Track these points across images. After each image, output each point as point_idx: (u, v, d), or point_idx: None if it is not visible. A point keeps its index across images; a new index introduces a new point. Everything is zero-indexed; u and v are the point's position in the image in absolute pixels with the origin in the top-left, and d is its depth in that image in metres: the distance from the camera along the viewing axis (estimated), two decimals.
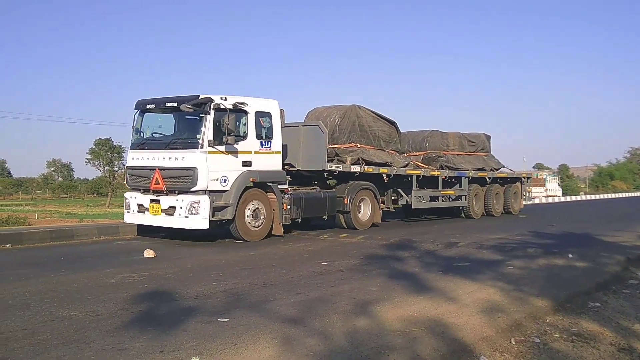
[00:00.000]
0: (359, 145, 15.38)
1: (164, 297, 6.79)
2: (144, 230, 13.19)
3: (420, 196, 17.68)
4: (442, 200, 18.86)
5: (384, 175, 15.81)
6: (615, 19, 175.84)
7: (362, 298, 6.81)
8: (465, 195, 19.47)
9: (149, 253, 10.19)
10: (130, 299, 6.61)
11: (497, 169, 21.46)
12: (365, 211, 15.66)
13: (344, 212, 14.97)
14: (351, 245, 12.20)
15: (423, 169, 17.78)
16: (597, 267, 9.55)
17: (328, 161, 14.54)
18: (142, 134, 12.96)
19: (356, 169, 15.00)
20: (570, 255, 10.57)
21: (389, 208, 17.18)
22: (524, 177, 23.40)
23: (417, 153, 19.30)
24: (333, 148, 14.98)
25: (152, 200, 12.14)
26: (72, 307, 6.21)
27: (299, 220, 13.74)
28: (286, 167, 13.92)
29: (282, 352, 4.78)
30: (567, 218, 22.36)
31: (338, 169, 14.67)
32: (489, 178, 20.69)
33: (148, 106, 12.86)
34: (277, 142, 13.07)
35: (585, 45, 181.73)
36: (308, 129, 14.61)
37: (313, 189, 14.74)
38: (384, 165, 15.96)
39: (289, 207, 13.09)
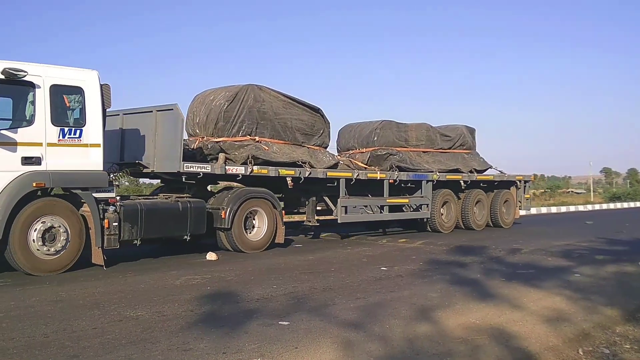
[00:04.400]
0: (257, 139, 11.83)
1: (226, 299, 6.92)
2: None
3: (350, 206, 13.84)
4: (390, 212, 14.81)
5: (289, 179, 12.05)
6: None
7: (422, 304, 6.74)
8: (427, 204, 15.31)
9: (211, 256, 10.44)
10: (194, 301, 6.78)
11: (480, 171, 17.30)
12: (259, 228, 11.61)
13: (223, 229, 11.04)
14: (410, 251, 12.09)
15: (357, 171, 13.82)
16: None
17: (202, 160, 11.27)
18: None
19: (238, 170, 11.24)
20: None
21: (310, 222, 13.44)
22: (520, 181, 18.73)
23: (364, 150, 15.34)
24: (217, 142, 11.49)
25: None
26: (139, 307, 6.42)
27: (137, 242, 9.64)
28: (139, 168, 10.92)
29: (342, 356, 4.79)
30: (638, 225, 21.36)
31: (202, 170, 10.73)
32: (465, 182, 16.39)
33: None
34: (93, 131, 9.10)
35: None
36: (164, 115, 10.55)
37: (168, 197, 10.81)
38: (294, 165, 12.27)
39: (115, 224, 9.15)
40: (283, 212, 12.29)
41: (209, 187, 11.59)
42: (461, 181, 16.35)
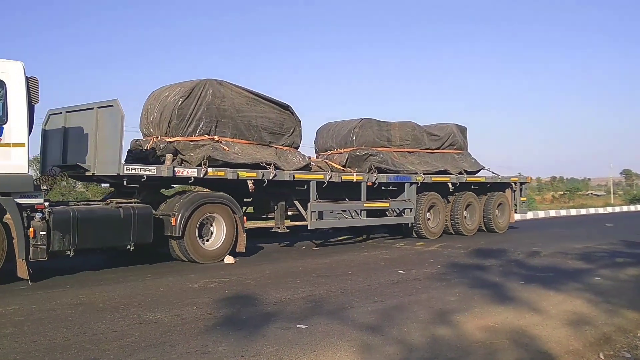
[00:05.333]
0: (217, 139, 10.89)
1: (244, 303, 6.94)
2: None
3: (326, 211, 12.73)
4: (369, 216, 13.61)
5: (249, 182, 10.97)
6: None
7: (440, 307, 6.70)
8: (411, 208, 14.24)
9: (229, 259, 10.48)
10: (213, 304, 6.81)
11: (471, 172, 16.32)
12: (217, 236, 10.59)
13: (175, 237, 9.99)
14: (428, 254, 12.03)
15: (329, 172, 12.70)
16: None
17: (155, 162, 10.18)
18: None
19: (189, 172, 10.23)
20: None
21: (279, 228, 12.29)
22: (516, 183, 17.59)
23: (343, 150, 14.25)
24: (171, 142, 10.56)
25: None
26: (158, 310, 6.47)
27: (71, 253, 8.60)
28: (80, 171, 9.92)
29: (360, 359, 4.78)
30: None
31: (146, 173, 9.60)
32: (453, 184, 15.29)
33: None
34: (16, 129, 8.14)
35: None
36: (105, 112, 9.54)
37: (109, 202, 9.89)
38: (257, 167, 11.22)
39: (43, 233, 8.20)
40: (244, 218, 11.12)
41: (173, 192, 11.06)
42: (449, 183, 15.24)
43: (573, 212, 33.47)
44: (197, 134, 10.74)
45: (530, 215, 29.03)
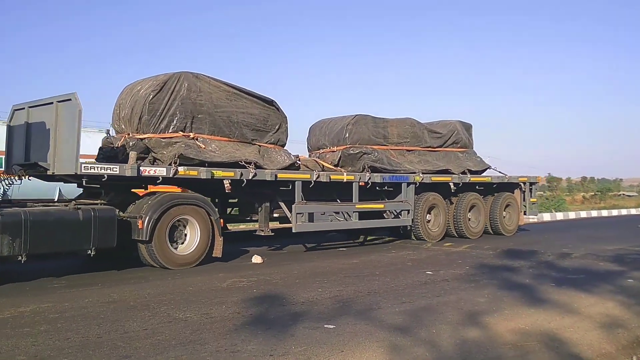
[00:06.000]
0: (192, 135, 10.24)
1: (272, 302, 6.98)
2: None
3: (316, 213, 12.21)
4: (362, 219, 12.90)
5: (226, 182, 10.24)
6: None
7: (469, 309, 6.65)
8: (408, 210, 13.54)
9: (257, 259, 10.55)
10: (241, 303, 6.86)
11: (476, 172, 15.47)
12: (191, 240, 9.90)
13: (142, 241, 9.34)
14: (456, 255, 11.94)
15: (316, 172, 11.89)
16: None
17: (124, 160, 9.53)
18: None
19: (157, 172, 9.51)
20: None
21: (262, 231, 11.56)
22: (525, 183, 16.66)
23: (335, 148, 13.50)
24: (142, 139, 9.89)
25: None
26: (187, 309, 6.54)
27: (22, 259, 7.98)
28: (40, 169, 9.27)
29: None
30: None
31: (107, 172, 8.96)
32: (456, 184, 14.48)
33: None
34: None
35: None
36: (64, 107, 8.93)
37: (68, 204, 9.08)
38: (236, 165, 10.50)
39: None
40: (221, 220, 10.42)
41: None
42: (451, 183, 14.39)
43: (604, 213, 32.85)
44: (170, 131, 10.06)
45: (560, 216, 28.65)
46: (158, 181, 9.75)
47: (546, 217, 28.02)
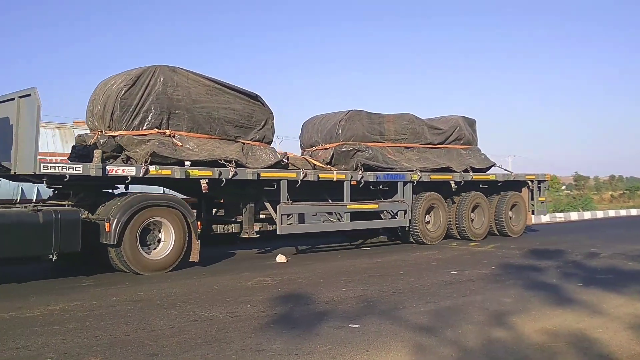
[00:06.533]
0: (169, 133, 9.65)
1: (297, 301, 7.00)
2: None
3: (297, 214, 11.37)
4: (356, 220, 12.25)
5: (203, 182, 9.64)
6: None
7: (495, 309, 6.58)
8: (405, 210, 12.87)
9: (281, 258, 10.59)
10: (266, 302, 6.90)
11: (480, 169, 14.71)
12: (165, 243, 9.35)
13: (111, 245, 8.74)
14: (481, 255, 11.83)
15: (303, 171, 11.20)
16: None
17: (108, 157, 9.20)
18: None
19: (126, 171, 8.96)
20: None
21: (247, 234, 10.98)
22: (533, 181, 15.87)
23: (328, 145, 12.79)
24: (113, 136, 9.33)
25: None
26: (213, 308, 6.60)
27: None
28: (3, 169, 8.72)
29: None
30: None
31: (69, 172, 8.42)
32: (457, 183, 13.72)
33: None
34: None
35: None
36: (24, 103, 8.45)
37: (27, 205, 8.63)
38: (215, 164, 9.92)
39: None
40: (199, 223, 9.85)
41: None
42: (451, 182, 13.62)
43: (633, 212, 32.24)
44: (144, 127, 9.51)
45: (587, 215, 28.19)
46: (127, 181, 9.36)
47: (573, 216, 27.64)
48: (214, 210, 12.07)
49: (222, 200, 11.75)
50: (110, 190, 10.04)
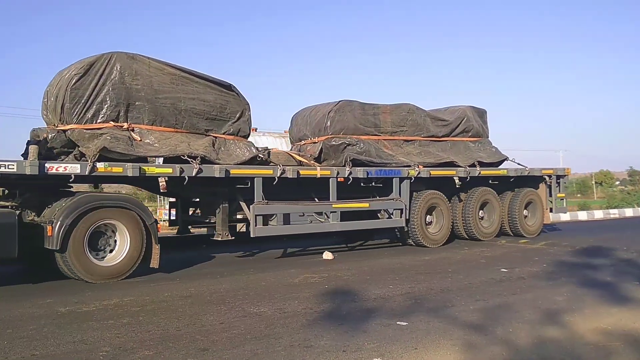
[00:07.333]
0: (127, 126, 8.92)
1: (344, 298, 7.01)
2: None
3: (282, 214, 10.57)
4: (345, 220, 11.17)
5: (161, 181, 8.88)
6: None
7: (547, 307, 6.44)
8: (401, 209, 11.76)
9: (327, 255, 10.62)
10: (313, 299, 6.93)
11: (491, 164, 13.61)
12: (120, 248, 8.53)
13: (56, 250, 7.96)
14: (532, 252, 11.58)
15: (281, 167, 10.17)
16: None
17: (47, 157, 8.48)
18: None
19: (69, 169, 8.16)
20: None
21: (220, 236, 10.07)
22: (550, 176, 14.65)
23: (317, 139, 11.72)
24: (64, 130, 8.69)
25: None
26: (261, 304, 6.68)
27: None
28: None
29: (464, 359, 4.70)
30: None
31: (2, 171, 7.75)
32: (461, 179, 12.84)
33: None
34: None
35: None
36: None
37: None
38: (178, 160, 9.15)
39: None
40: (159, 225, 9.10)
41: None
42: (455, 178, 12.73)
43: None
44: (99, 120, 8.77)
45: (629, 212, 27.19)
46: (70, 180, 8.43)
47: (628, 212, 26.76)
48: (191, 210, 11.56)
49: (198, 200, 11.10)
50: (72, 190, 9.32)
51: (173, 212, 12.18)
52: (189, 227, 11.98)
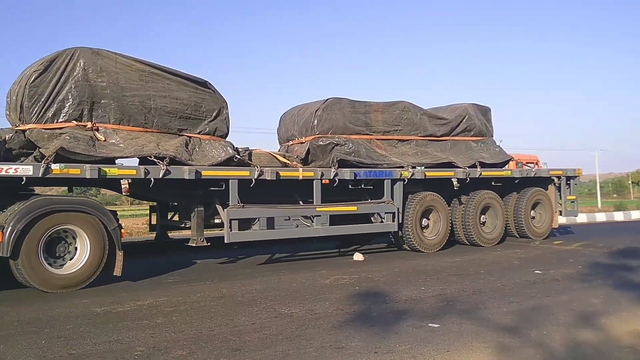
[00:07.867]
0: (91, 125, 8.41)
1: (375, 299, 7.00)
2: None
3: (265, 218, 9.81)
4: (326, 224, 10.47)
5: (123, 183, 8.36)
6: None
7: (582, 309, 6.32)
8: (393, 213, 11.11)
9: (358, 257, 10.62)
10: (344, 300, 6.94)
11: (495, 165, 12.94)
12: (79, 256, 7.97)
13: (7, 257, 7.39)
14: (566, 253, 11.38)
15: (259, 168, 9.58)
16: None
17: (6, 158, 8.10)
18: None
19: (20, 170, 7.62)
20: None
21: (195, 241, 9.57)
22: (559, 178, 13.97)
23: (304, 139, 11.24)
24: (23, 130, 8.29)
25: None
26: (292, 305, 6.71)
27: None
28: None
29: None
30: None
31: None
32: (460, 180, 11.95)
33: None
34: None
35: None
36: None
37: None
38: (145, 162, 8.65)
39: None
40: (122, 231, 8.47)
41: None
42: (453, 179, 11.87)
43: None
44: (61, 119, 8.32)
45: None
46: (22, 182, 7.73)
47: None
48: (170, 215, 11.14)
49: (176, 204, 10.66)
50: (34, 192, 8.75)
51: (154, 217, 11.52)
52: (167, 232, 11.58)
